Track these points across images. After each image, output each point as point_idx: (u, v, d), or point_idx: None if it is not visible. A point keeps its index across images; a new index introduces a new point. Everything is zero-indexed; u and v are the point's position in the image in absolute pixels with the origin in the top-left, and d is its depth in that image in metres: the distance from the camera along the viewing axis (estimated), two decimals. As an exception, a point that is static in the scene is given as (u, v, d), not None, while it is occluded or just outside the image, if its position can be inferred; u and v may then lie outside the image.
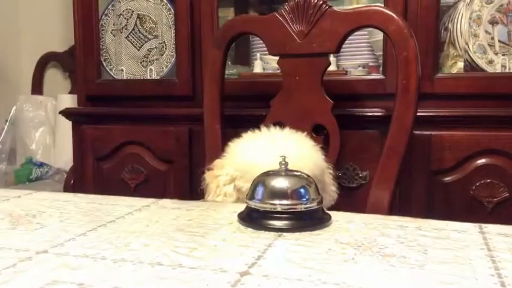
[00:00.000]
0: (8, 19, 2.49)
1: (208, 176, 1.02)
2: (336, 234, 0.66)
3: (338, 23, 1.14)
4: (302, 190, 0.70)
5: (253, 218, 0.70)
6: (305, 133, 1.02)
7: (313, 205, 0.70)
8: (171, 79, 1.64)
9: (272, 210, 0.68)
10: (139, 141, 1.62)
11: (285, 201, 0.68)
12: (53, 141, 2.32)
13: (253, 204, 0.70)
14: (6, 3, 2.48)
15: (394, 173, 1.05)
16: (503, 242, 0.62)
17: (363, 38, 1.59)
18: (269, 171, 0.73)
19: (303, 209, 0.69)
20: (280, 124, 1.03)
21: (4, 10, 2.47)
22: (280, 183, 0.70)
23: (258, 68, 1.62)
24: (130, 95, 1.66)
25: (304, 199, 0.69)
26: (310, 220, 0.69)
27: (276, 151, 0.84)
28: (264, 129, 1.02)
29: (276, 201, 0.68)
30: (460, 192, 1.31)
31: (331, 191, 1.03)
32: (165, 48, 1.67)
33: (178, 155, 1.57)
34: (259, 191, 0.70)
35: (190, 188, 1.54)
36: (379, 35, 1.49)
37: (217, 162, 1.02)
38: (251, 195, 0.71)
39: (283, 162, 0.72)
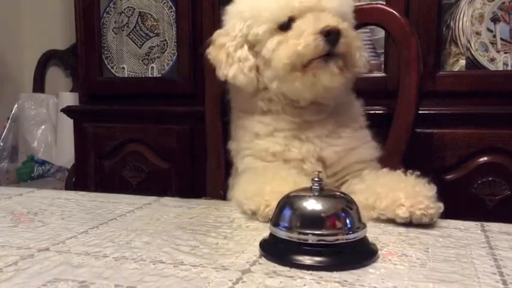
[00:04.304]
0: (9, 17, 2.49)
1: (212, 49, 0.84)
2: (338, 232, 0.66)
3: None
4: (342, 215, 0.54)
5: (278, 250, 0.55)
6: None
7: (356, 236, 0.54)
8: (172, 77, 1.64)
9: (302, 242, 0.53)
10: (140, 139, 1.62)
11: (318, 231, 0.53)
12: (55, 139, 2.32)
13: (279, 233, 0.55)
14: (8, 1, 2.48)
15: (396, 171, 1.05)
16: (505, 240, 0.62)
17: (364, 35, 1.59)
18: (299, 190, 0.58)
19: (342, 241, 0.53)
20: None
21: (6, 8, 2.47)
22: (313, 205, 0.54)
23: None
24: (131, 93, 1.66)
25: (345, 228, 0.54)
26: (351, 255, 0.54)
27: None
28: None
29: (307, 231, 0.53)
30: (461, 190, 1.30)
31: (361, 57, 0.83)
32: (167, 46, 1.67)
33: (179, 153, 1.57)
34: (286, 215, 0.55)
35: (192, 186, 1.53)
36: (380, 33, 1.48)
37: (217, 32, 0.84)
38: (275, 221, 0.56)
39: (316, 179, 0.56)
